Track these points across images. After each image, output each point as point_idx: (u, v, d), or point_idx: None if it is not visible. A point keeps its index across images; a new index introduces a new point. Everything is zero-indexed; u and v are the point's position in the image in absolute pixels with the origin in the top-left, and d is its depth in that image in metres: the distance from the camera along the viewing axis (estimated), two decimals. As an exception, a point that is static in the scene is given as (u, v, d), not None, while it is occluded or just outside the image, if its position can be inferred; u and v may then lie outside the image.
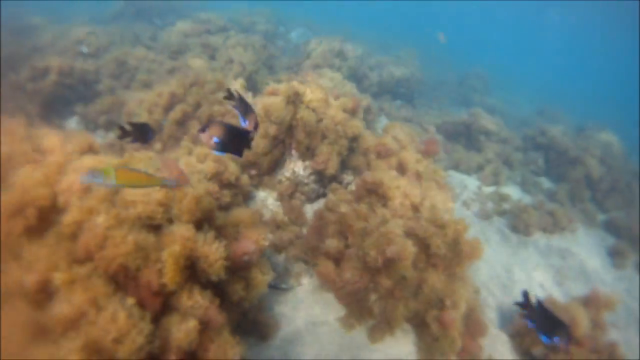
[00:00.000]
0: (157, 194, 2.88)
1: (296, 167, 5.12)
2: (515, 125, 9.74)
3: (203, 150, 4.56)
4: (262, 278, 3.37)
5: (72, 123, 6.85)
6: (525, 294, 2.59)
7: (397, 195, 4.47)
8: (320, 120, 4.95)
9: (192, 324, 2.17)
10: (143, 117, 5.52)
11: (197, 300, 2.41)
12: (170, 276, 2.28)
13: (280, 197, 5.11)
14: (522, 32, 36.37)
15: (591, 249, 7.18)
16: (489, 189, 7.37)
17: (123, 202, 2.77)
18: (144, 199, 2.79)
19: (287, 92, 4.71)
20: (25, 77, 6.43)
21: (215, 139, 2.01)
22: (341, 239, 4.19)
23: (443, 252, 4.07)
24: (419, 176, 4.97)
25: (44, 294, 2.11)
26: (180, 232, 2.61)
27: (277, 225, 4.63)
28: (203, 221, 2.90)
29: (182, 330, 2.09)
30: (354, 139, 5.31)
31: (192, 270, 2.60)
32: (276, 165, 5.28)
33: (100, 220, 2.47)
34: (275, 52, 8.53)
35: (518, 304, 2.61)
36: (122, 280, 2.27)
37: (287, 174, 5.16)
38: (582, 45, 33.04)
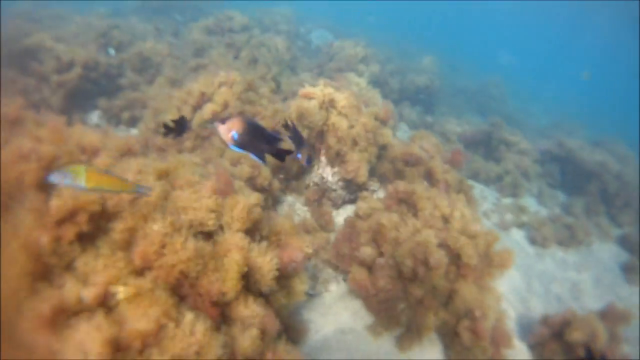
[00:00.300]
0: (207, 200, 2.86)
1: (325, 173, 5.12)
2: (531, 135, 9.78)
3: (235, 153, 4.54)
4: (302, 286, 3.37)
5: (94, 117, 6.81)
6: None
7: (427, 206, 4.49)
8: (351, 127, 4.95)
9: (254, 331, 2.17)
10: (171, 114, 5.49)
11: (254, 309, 2.41)
12: (231, 285, 2.27)
13: (308, 202, 5.11)
14: (532, 38, 36.40)
15: (606, 264, 7.23)
16: (507, 200, 7.41)
17: (174, 208, 2.76)
18: (194, 205, 2.77)
19: (322, 97, 4.70)
20: (50, 69, 6.38)
21: (233, 134, 1.85)
22: (374, 247, 4.21)
23: (474, 262, 4.10)
24: (448, 186, 4.98)
25: (105, 308, 2.07)
26: (235, 241, 2.60)
27: (307, 231, 4.64)
28: (253, 231, 2.90)
29: (247, 339, 2.09)
30: (383, 147, 5.31)
31: (245, 280, 2.60)
32: (304, 170, 5.27)
33: (157, 227, 2.44)
34: (297, 53, 8.50)
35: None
36: (182, 290, 2.26)
37: (315, 179, 5.16)
38: (596, 56, 33.08)
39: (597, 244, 7.49)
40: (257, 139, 1.87)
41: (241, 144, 1.86)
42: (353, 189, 5.36)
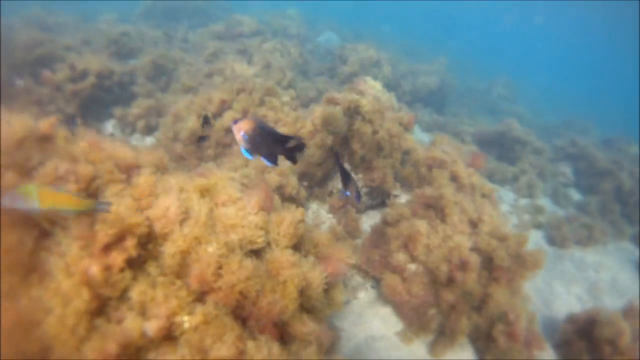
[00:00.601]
0: (254, 217, 2.82)
1: (349, 179, 5.10)
2: (540, 134, 9.80)
3: (261, 162, 4.51)
4: (341, 296, 3.36)
5: (109, 126, 6.75)
6: None
7: (455, 211, 4.49)
8: (376, 132, 4.94)
9: (314, 347, 2.18)
10: (191, 121, 5.44)
11: (310, 325, 2.40)
12: (290, 302, 2.26)
13: (333, 210, 5.09)
14: (533, 38, 36.51)
15: (622, 263, 7.27)
16: (523, 201, 7.43)
17: (222, 227, 2.71)
18: (242, 223, 2.74)
19: (347, 103, 4.68)
20: (63, 78, 6.31)
21: (242, 134, 1.82)
22: (406, 253, 4.21)
23: (507, 264, 4.13)
24: (473, 190, 4.99)
25: (170, 340, 2.02)
26: (286, 258, 2.58)
27: (337, 239, 4.62)
28: (298, 246, 2.89)
29: (310, 354, 2.10)
30: (406, 151, 5.31)
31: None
32: (327, 176, 5.26)
33: (212, 249, 2.39)
34: (307, 57, 8.45)
35: None
36: (242, 313, 2.24)
37: (339, 186, 5.14)
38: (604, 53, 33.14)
39: (612, 243, 7.54)
40: (268, 140, 1.86)
41: (251, 144, 1.86)
42: (376, 195, 5.35)
